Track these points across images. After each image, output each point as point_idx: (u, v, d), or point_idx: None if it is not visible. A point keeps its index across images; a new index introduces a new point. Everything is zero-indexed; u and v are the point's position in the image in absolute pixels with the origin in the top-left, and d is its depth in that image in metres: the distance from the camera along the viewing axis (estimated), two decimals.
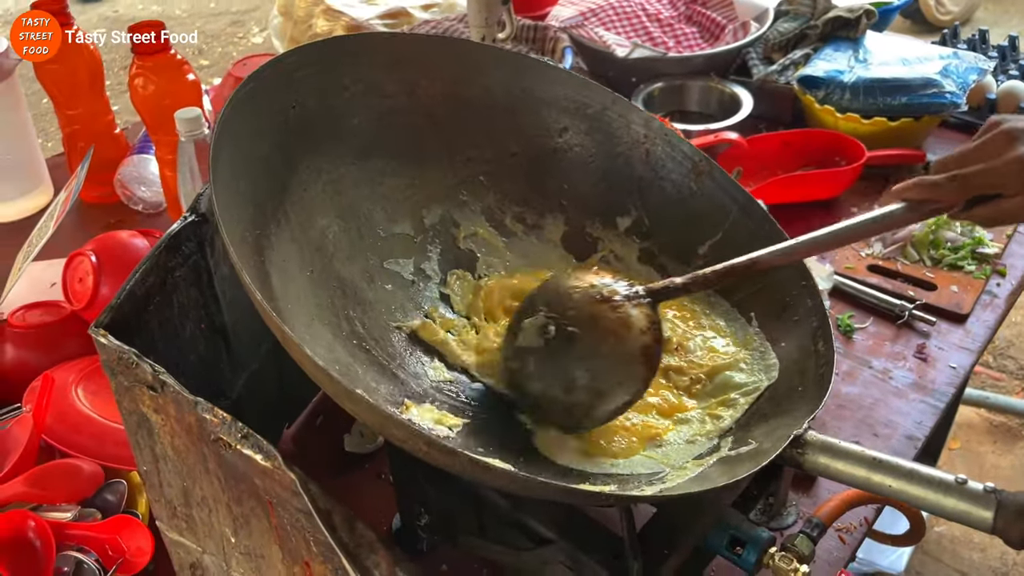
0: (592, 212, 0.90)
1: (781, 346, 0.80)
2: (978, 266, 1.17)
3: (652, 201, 0.89)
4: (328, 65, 0.79)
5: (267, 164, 0.72)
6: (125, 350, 0.59)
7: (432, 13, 1.67)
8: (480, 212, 0.88)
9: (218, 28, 4.82)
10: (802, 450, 0.64)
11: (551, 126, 0.90)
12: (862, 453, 0.63)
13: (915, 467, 0.62)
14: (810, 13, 1.51)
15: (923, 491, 0.61)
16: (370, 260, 0.81)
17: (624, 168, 0.90)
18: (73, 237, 1.24)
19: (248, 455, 0.54)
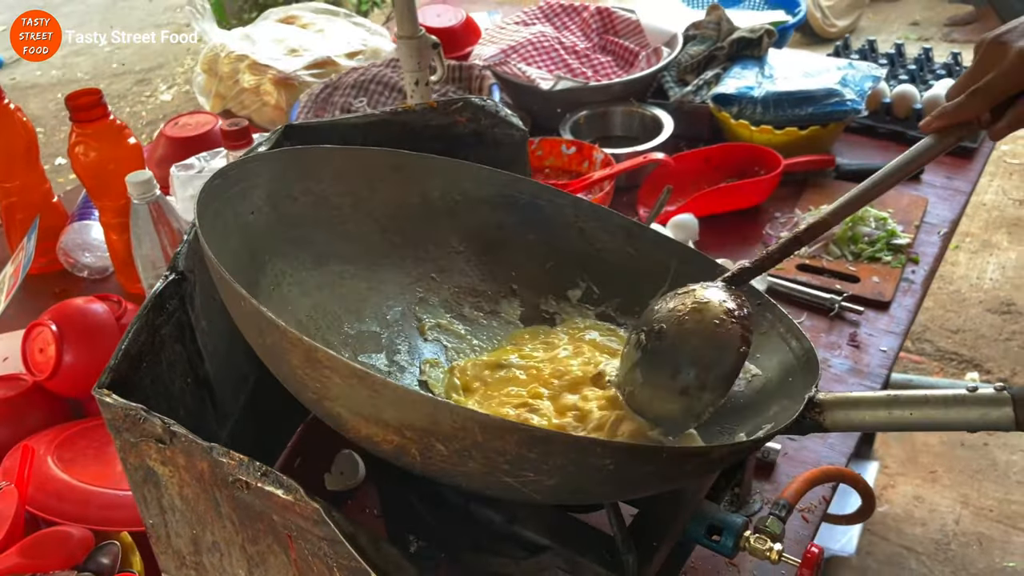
0: (543, 290, 0.95)
1: (756, 357, 0.82)
2: (894, 256, 1.27)
3: (596, 271, 0.94)
4: (281, 177, 0.82)
5: (238, 260, 0.73)
6: (132, 407, 0.61)
7: (358, 60, 1.71)
8: (439, 304, 0.92)
9: (123, 88, 4.76)
10: (820, 409, 0.67)
11: (488, 221, 0.94)
12: (876, 396, 0.66)
13: (928, 392, 0.64)
14: (716, 36, 1.61)
15: (943, 412, 0.63)
16: (345, 354, 0.83)
17: (564, 246, 0.94)
18: (19, 309, 1.23)
19: (270, 491, 0.57)
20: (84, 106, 1.19)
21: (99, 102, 1.19)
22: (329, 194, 0.86)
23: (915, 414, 0.64)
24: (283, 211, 0.82)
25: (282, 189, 0.82)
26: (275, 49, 1.75)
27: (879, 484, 2.13)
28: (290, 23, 1.88)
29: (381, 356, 0.86)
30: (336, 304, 0.85)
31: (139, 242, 1.08)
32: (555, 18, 1.79)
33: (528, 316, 0.94)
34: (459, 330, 0.92)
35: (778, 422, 0.70)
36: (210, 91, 1.81)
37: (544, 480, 0.58)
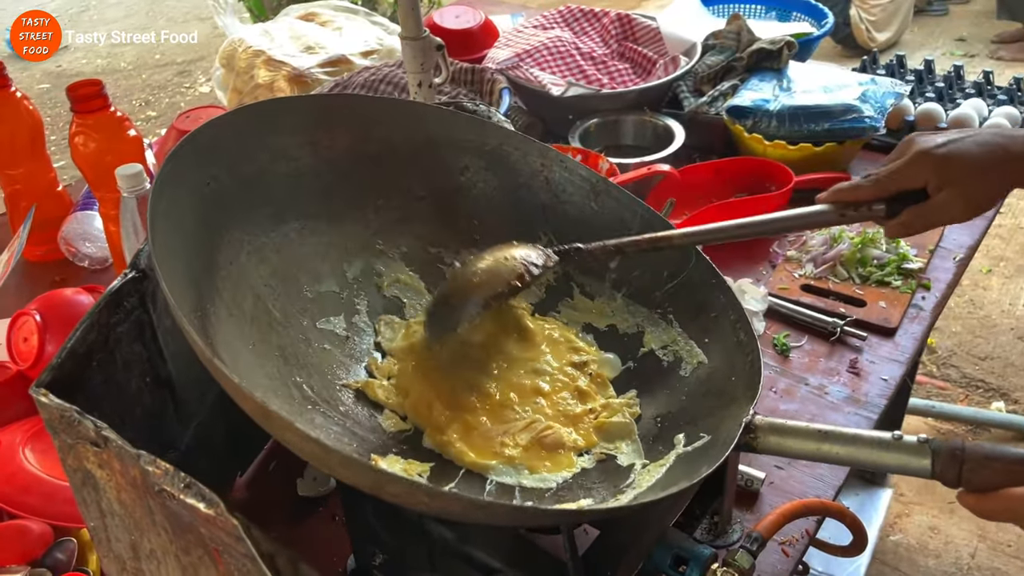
0: (504, 241, 0.93)
1: (705, 342, 0.84)
2: (904, 281, 1.22)
3: (558, 224, 0.93)
4: (236, 138, 0.80)
5: (195, 241, 0.72)
6: (66, 408, 0.60)
7: (372, 60, 1.70)
8: (399, 258, 0.91)
9: (164, 79, 4.82)
10: (754, 434, 0.69)
11: (453, 166, 0.93)
12: (808, 428, 0.68)
13: (857, 432, 0.67)
14: (735, 46, 1.57)
15: (867, 452, 0.66)
16: (304, 323, 0.82)
17: (528, 197, 0.94)
18: (17, 296, 1.24)
19: (191, 504, 0.55)
20: (84, 97, 1.19)
21: (99, 93, 1.19)
22: (288, 145, 0.85)
23: (841, 452, 0.67)
24: (241, 173, 0.80)
25: (240, 150, 0.81)
26: (291, 46, 1.74)
27: (893, 512, 2.07)
28: (310, 20, 1.88)
29: (340, 319, 0.86)
30: (294, 266, 0.84)
31: (127, 235, 1.08)
32: (574, 23, 1.76)
33: None
34: (419, 285, 0.91)
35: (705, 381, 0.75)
36: (227, 85, 1.81)
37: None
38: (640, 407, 0.85)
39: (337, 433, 0.76)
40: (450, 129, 0.92)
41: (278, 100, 0.84)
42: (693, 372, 0.84)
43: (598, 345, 0.92)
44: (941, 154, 0.78)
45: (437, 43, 1.26)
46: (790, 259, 1.29)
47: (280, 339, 0.79)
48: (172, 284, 0.63)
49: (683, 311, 0.88)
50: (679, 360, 0.87)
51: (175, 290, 0.62)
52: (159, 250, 0.63)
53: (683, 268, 0.89)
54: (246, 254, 0.79)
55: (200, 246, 0.73)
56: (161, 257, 0.63)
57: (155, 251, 0.63)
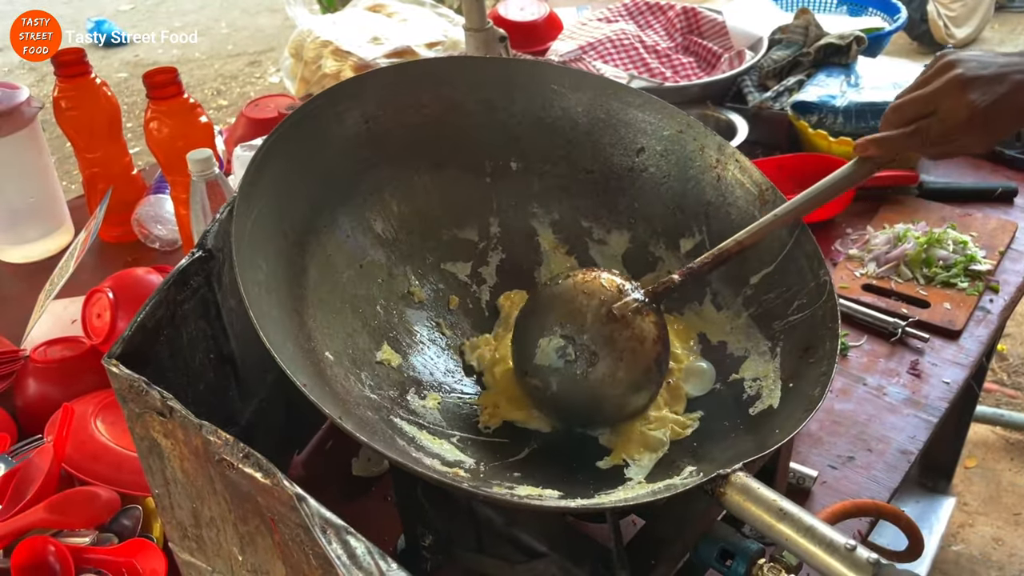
0: (658, 232, 0.92)
1: (789, 387, 0.79)
2: (971, 283, 1.19)
3: (716, 226, 0.89)
4: (405, 85, 0.83)
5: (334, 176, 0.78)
6: (135, 378, 0.63)
7: (436, 51, 1.72)
8: (548, 224, 0.91)
9: (235, 69, 4.94)
10: (724, 488, 0.64)
11: (628, 146, 0.92)
12: (773, 501, 0.63)
13: (815, 524, 0.61)
14: (803, 41, 1.55)
15: (814, 548, 0.60)
16: (428, 260, 0.86)
17: (694, 191, 0.90)
18: (93, 275, 1.29)
19: (249, 473, 0.57)
20: (160, 83, 1.23)
21: (174, 80, 1.24)
22: (463, 99, 0.86)
23: (792, 538, 0.61)
24: (405, 120, 0.83)
25: (409, 97, 0.83)
26: (358, 36, 1.77)
27: (955, 522, 2.02)
28: (377, 11, 1.91)
29: (466, 266, 0.88)
30: (439, 208, 0.86)
31: (196, 218, 1.11)
32: (639, 16, 1.75)
33: (633, 254, 0.93)
34: (559, 253, 0.92)
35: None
36: (296, 75, 1.85)
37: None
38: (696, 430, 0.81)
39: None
40: (632, 107, 0.91)
41: (460, 58, 0.88)
42: (759, 413, 0.79)
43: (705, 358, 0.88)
44: (981, 107, 0.74)
45: (500, 35, 1.27)
46: (852, 258, 1.26)
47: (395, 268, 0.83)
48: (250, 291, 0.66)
49: (791, 349, 0.82)
50: (758, 396, 0.81)
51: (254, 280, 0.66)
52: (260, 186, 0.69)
53: (814, 302, 0.82)
54: (390, 192, 0.83)
55: (339, 181, 0.78)
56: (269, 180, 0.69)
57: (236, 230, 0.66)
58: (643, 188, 0.92)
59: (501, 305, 0.90)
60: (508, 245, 0.90)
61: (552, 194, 0.92)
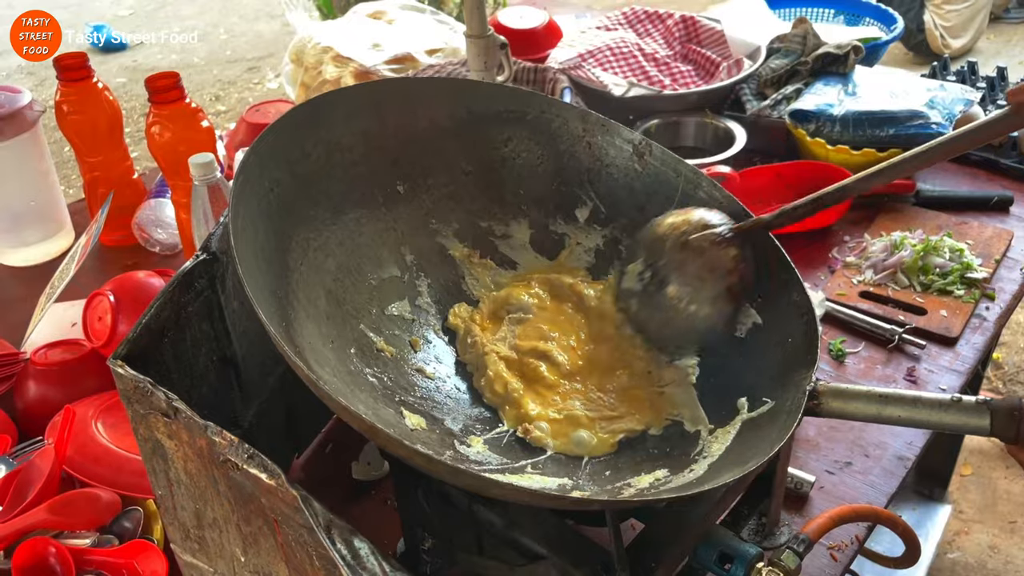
0: (551, 210, 0.95)
1: (758, 300, 0.85)
2: (967, 290, 1.20)
3: (603, 189, 0.94)
4: (290, 138, 0.82)
5: (267, 251, 0.75)
6: (141, 379, 0.63)
7: (436, 57, 1.73)
8: (452, 235, 0.93)
9: (234, 75, 4.95)
10: (817, 400, 0.70)
11: (496, 138, 0.94)
12: (871, 391, 0.69)
13: (918, 394, 0.68)
14: (800, 50, 1.56)
15: (928, 413, 0.67)
16: (372, 312, 0.85)
17: (571, 163, 0.94)
18: (93, 278, 1.29)
19: (254, 474, 0.58)
20: (162, 88, 1.24)
21: (176, 85, 1.24)
22: (340, 136, 0.87)
23: (903, 414, 0.68)
24: (299, 172, 0.82)
25: (296, 149, 0.83)
26: (359, 42, 1.78)
27: (951, 529, 2.02)
28: (377, 18, 1.92)
29: (404, 303, 0.88)
30: (357, 256, 0.86)
31: (198, 221, 1.12)
32: (638, 24, 1.77)
33: (537, 238, 0.95)
34: (474, 260, 0.93)
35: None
36: (296, 80, 1.86)
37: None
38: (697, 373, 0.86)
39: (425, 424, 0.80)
40: (491, 101, 0.93)
41: (327, 94, 0.85)
42: (748, 333, 0.84)
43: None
44: None
45: (501, 42, 1.28)
46: (849, 265, 1.27)
47: (354, 332, 0.81)
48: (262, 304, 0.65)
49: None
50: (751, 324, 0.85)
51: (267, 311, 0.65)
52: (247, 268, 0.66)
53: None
54: (313, 251, 0.82)
55: (272, 254, 0.75)
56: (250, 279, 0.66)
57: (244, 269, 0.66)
58: (521, 174, 0.95)
59: (454, 325, 0.90)
60: (428, 268, 0.91)
61: (444, 205, 0.93)
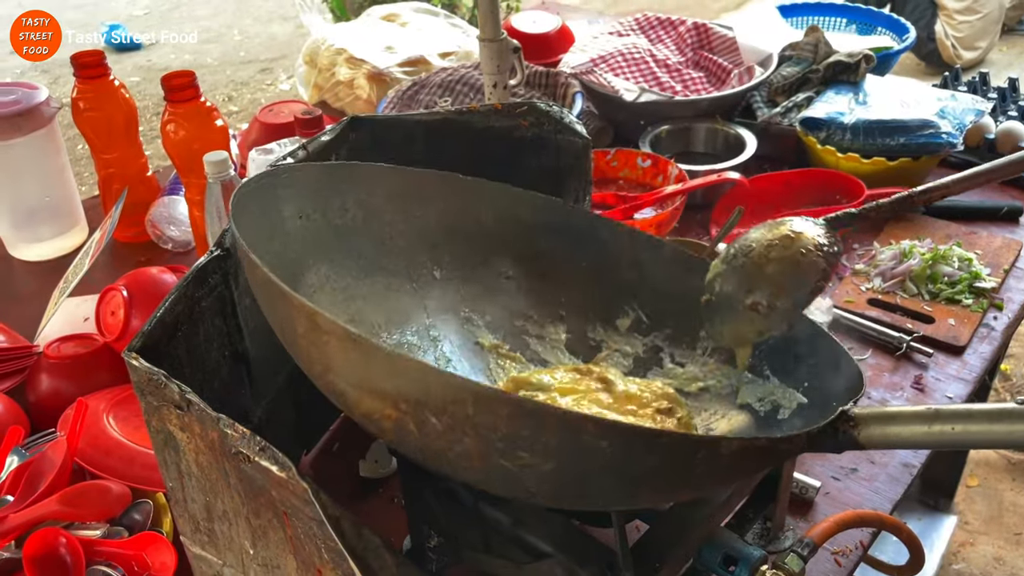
0: (591, 318, 0.93)
1: (804, 386, 0.81)
2: (975, 300, 1.20)
3: (646, 300, 0.92)
4: (329, 186, 0.82)
5: (280, 258, 0.75)
6: (155, 371, 0.64)
7: (449, 61, 1.74)
8: (484, 326, 0.92)
9: (247, 75, 4.98)
10: (855, 424, 0.62)
11: (542, 247, 0.93)
12: (915, 411, 0.61)
13: (972, 406, 0.59)
14: (812, 58, 1.57)
15: (988, 427, 0.58)
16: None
17: (613, 276, 0.93)
18: (106, 274, 1.30)
19: (265, 466, 0.58)
20: (178, 87, 1.25)
21: (191, 84, 1.26)
22: (382, 210, 0.87)
23: (958, 429, 0.59)
24: (333, 220, 0.83)
25: (334, 199, 0.83)
26: (372, 45, 1.80)
27: (956, 540, 2.02)
28: (391, 21, 1.93)
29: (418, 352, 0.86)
30: (378, 315, 0.85)
31: (211, 218, 1.13)
32: (650, 31, 1.77)
33: (573, 342, 0.93)
34: (503, 351, 0.91)
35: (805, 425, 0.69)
36: (309, 82, 1.88)
37: (540, 464, 0.57)
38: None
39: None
40: (539, 212, 0.92)
41: (379, 167, 0.85)
42: (792, 415, 0.80)
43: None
44: None
45: (514, 45, 1.29)
46: (858, 272, 1.28)
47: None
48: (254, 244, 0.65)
49: (779, 365, 0.84)
50: (777, 408, 0.82)
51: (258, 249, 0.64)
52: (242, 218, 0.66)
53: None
54: (331, 290, 0.81)
55: (286, 263, 0.75)
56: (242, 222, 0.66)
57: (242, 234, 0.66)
58: (564, 281, 0.93)
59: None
60: (452, 346, 0.89)
61: (479, 297, 0.91)
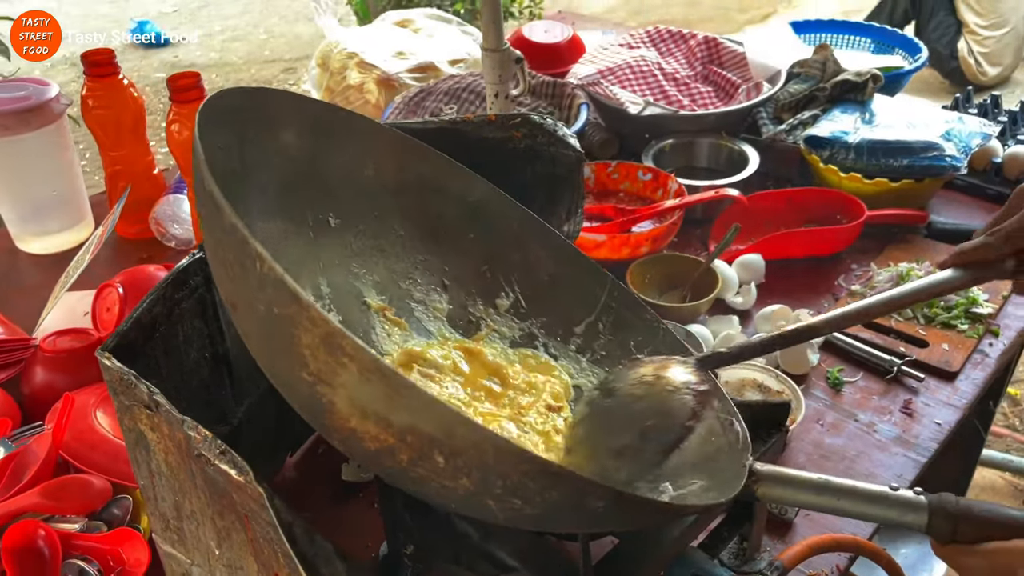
0: (473, 292, 0.93)
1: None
2: (971, 325, 1.19)
3: (529, 284, 0.93)
4: (255, 116, 0.80)
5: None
6: (125, 371, 0.65)
7: (458, 68, 1.75)
8: (371, 285, 0.90)
9: (271, 74, 5.02)
10: (756, 479, 0.69)
11: (433, 209, 0.93)
12: (808, 478, 0.68)
13: (854, 484, 0.67)
14: (820, 76, 1.56)
15: (863, 506, 0.66)
16: None
17: (499, 254, 0.93)
18: (108, 269, 1.32)
19: (224, 469, 0.59)
20: (183, 87, 1.27)
21: (196, 85, 1.27)
22: (291, 146, 0.84)
23: (840, 503, 0.67)
24: (248, 154, 0.79)
25: (256, 130, 0.79)
26: (384, 50, 1.81)
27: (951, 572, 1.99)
28: (404, 26, 1.94)
29: None
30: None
31: None
32: (661, 44, 1.77)
33: (454, 315, 0.92)
34: (389, 314, 0.90)
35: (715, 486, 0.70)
36: (321, 84, 1.89)
37: (526, 510, 0.58)
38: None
39: None
40: (442, 175, 0.92)
41: (297, 96, 0.82)
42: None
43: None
44: None
45: (516, 56, 1.29)
46: (854, 293, 1.27)
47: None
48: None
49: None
50: None
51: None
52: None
53: (650, 341, 0.88)
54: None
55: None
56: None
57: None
58: (452, 250, 0.93)
59: None
60: (341, 307, 0.87)
61: (369, 254, 0.90)
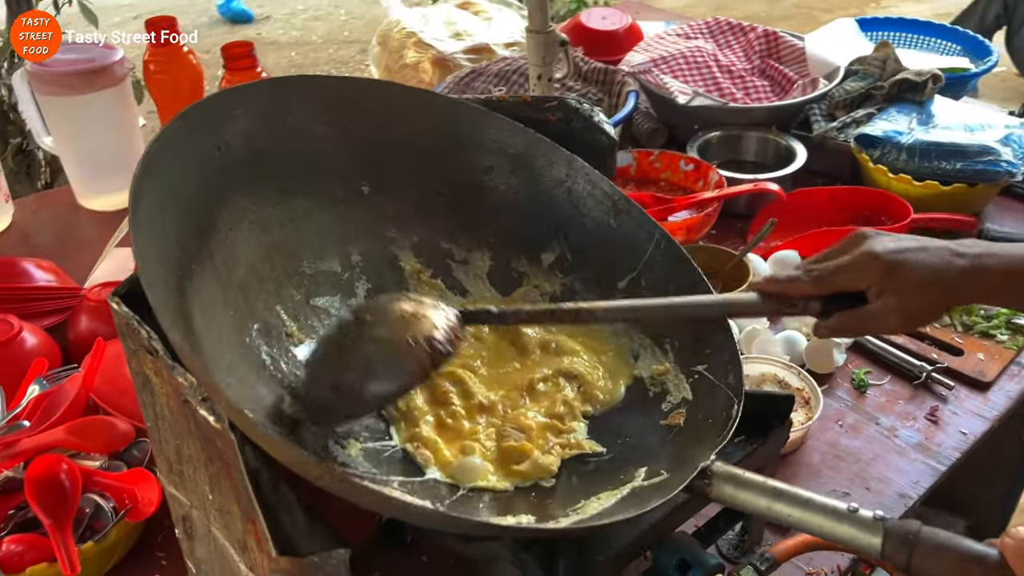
0: (517, 248, 0.93)
1: (695, 378, 0.81)
2: (1011, 336, 1.15)
3: (574, 238, 0.92)
4: (257, 109, 0.80)
5: (192, 202, 0.73)
6: (130, 315, 0.68)
7: (512, 51, 1.76)
8: (409, 248, 0.90)
9: (347, 55, 5.11)
10: (709, 480, 0.67)
11: (477, 165, 0.92)
12: (764, 483, 0.66)
13: (812, 496, 0.65)
14: (879, 74, 1.52)
15: (819, 519, 0.64)
16: (296, 297, 0.82)
17: (547, 206, 0.92)
18: None
19: (204, 416, 0.62)
20: (236, 55, 1.31)
21: (249, 54, 1.32)
22: (310, 125, 0.84)
23: (793, 514, 0.65)
24: (255, 145, 0.80)
25: (259, 122, 0.80)
26: (442, 30, 1.83)
27: None
28: (465, 8, 1.96)
29: (335, 299, 0.85)
30: (297, 241, 0.83)
31: None
32: (719, 35, 1.75)
33: (496, 272, 0.92)
34: (425, 277, 0.90)
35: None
36: (380, 62, 1.93)
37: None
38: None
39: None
40: (478, 128, 0.91)
41: (307, 78, 0.83)
42: (674, 408, 0.81)
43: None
44: (891, 261, 0.74)
45: (561, 39, 1.29)
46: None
47: (268, 310, 0.79)
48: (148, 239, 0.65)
49: (682, 342, 0.85)
50: (665, 392, 0.84)
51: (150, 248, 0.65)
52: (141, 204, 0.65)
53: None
54: (249, 223, 0.79)
55: (198, 208, 0.74)
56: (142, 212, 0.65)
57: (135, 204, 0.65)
58: (496, 206, 0.92)
59: None
60: (372, 273, 0.87)
61: (408, 217, 0.90)
